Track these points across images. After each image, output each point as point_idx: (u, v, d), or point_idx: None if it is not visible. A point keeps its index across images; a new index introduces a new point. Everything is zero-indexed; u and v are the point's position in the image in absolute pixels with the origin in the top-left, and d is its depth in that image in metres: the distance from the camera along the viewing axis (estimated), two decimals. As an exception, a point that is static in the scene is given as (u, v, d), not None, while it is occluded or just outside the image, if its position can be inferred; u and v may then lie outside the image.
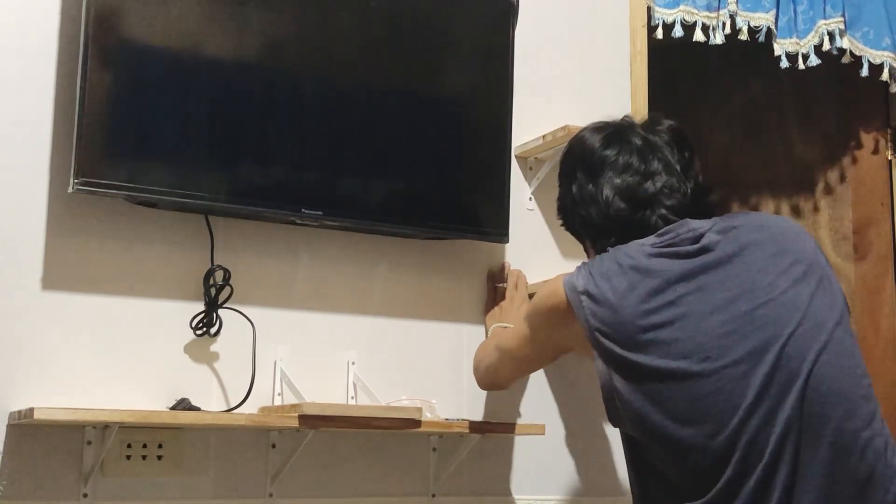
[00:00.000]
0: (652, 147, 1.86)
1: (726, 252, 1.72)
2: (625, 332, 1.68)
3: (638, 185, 1.82)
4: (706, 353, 1.64)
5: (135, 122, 2.08)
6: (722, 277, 1.70)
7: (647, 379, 1.67)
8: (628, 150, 1.86)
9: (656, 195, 1.81)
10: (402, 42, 2.39)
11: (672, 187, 1.82)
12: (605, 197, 1.83)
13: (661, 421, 1.66)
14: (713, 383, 1.63)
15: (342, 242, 2.35)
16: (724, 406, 1.62)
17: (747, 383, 1.62)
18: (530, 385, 2.51)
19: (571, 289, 1.76)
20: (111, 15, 2.05)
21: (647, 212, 1.81)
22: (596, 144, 1.89)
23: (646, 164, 1.83)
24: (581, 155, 1.91)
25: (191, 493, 2.14)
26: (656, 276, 1.70)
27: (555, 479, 2.52)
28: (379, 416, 2.14)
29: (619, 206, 1.82)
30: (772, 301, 1.67)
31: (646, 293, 1.69)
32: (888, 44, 2.98)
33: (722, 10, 2.83)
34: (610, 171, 1.84)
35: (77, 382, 2.06)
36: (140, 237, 2.15)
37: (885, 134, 3.26)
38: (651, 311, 1.68)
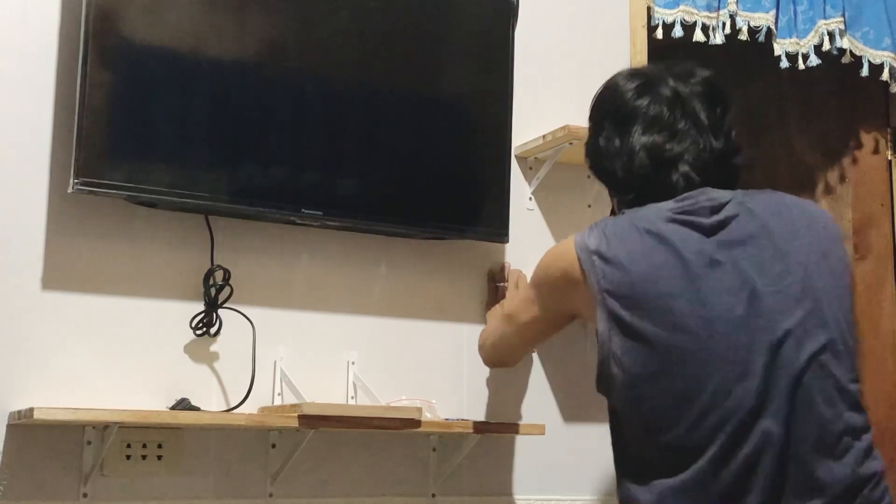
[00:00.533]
0: (683, 101, 1.80)
1: (742, 234, 1.69)
2: (633, 295, 1.66)
3: (664, 142, 1.77)
4: (711, 331, 1.62)
5: (135, 122, 2.08)
6: (735, 259, 1.67)
7: (647, 346, 1.65)
8: (658, 102, 1.80)
9: (682, 154, 1.77)
10: (402, 42, 2.39)
11: (698, 145, 1.78)
12: (630, 152, 1.79)
13: (650, 391, 1.65)
14: (713, 364, 1.62)
15: (342, 242, 2.35)
16: (718, 387, 1.61)
17: (746, 370, 1.61)
18: (530, 385, 2.51)
19: (583, 248, 1.74)
20: (111, 15, 2.05)
21: (671, 171, 1.76)
22: (627, 95, 1.83)
23: (674, 119, 1.78)
24: (611, 105, 1.86)
25: (191, 493, 2.14)
26: (671, 245, 1.67)
27: (555, 479, 2.52)
28: (379, 416, 2.14)
29: (643, 163, 1.78)
30: (764, 305, 1.65)
31: (660, 261, 1.66)
32: (888, 44, 2.98)
33: (722, 10, 2.83)
34: (637, 126, 1.79)
35: (77, 382, 2.06)
36: (140, 237, 2.15)
37: (885, 134, 3.27)
38: (662, 279, 1.65)
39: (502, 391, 2.48)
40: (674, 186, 1.76)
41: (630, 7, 2.81)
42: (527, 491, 2.48)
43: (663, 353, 1.64)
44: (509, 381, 2.50)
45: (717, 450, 1.60)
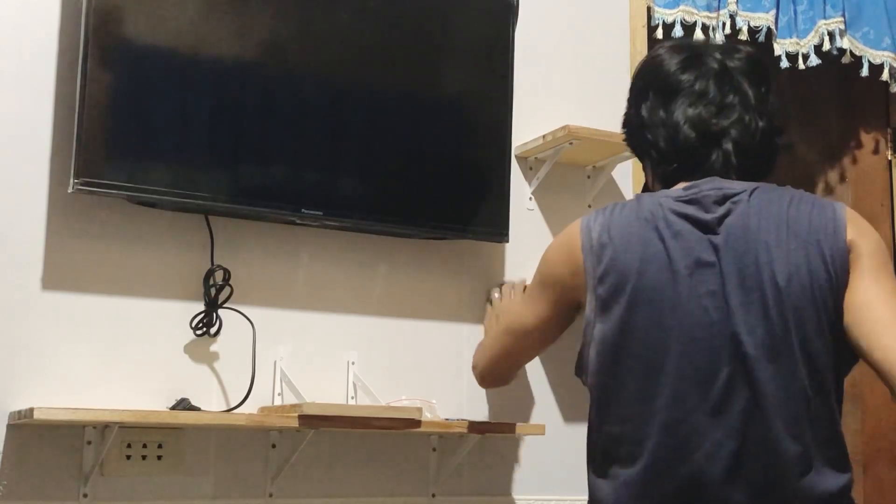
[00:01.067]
0: (730, 75, 1.76)
1: (734, 235, 1.64)
2: (620, 285, 1.65)
3: (710, 116, 1.73)
4: (682, 333, 1.61)
5: (135, 122, 2.08)
6: (721, 261, 1.63)
7: (621, 337, 1.64)
8: (706, 76, 1.75)
9: (728, 129, 1.72)
10: (402, 42, 2.39)
11: (744, 121, 1.73)
12: (675, 124, 1.74)
13: (615, 381, 1.65)
14: (678, 364, 1.60)
15: (342, 242, 2.35)
16: (678, 389, 1.60)
17: (708, 378, 1.59)
18: (530, 385, 2.51)
19: (587, 232, 1.72)
20: (111, 15, 2.05)
21: (714, 146, 1.72)
22: (672, 67, 1.78)
23: (721, 94, 1.74)
24: (656, 75, 1.81)
25: (191, 493, 2.14)
26: (664, 239, 1.65)
27: (555, 479, 2.52)
28: (379, 416, 2.14)
29: (687, 136, 1.73)
30: (735, 316, 1.61)
31: (651, 255, 1.64)
32: (888, 44, 2.98)
33: (722, 10, 2.83)
34: (683, 97, 1.75)
35: (77, 382, 2.06)
36: (140, 237, 2.15)
37: (885, 134, 3.26)
38: (649, 274, 1.64)
39: (502, 391, 2.48)
40: (711, 165, 1.72)
41: (630, 7, 2.81)
42: (527, 491, 2.48)
43: (633, 346, 1.63)
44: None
45: (666, 452, 1.60)
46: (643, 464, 1.61)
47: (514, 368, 2.17)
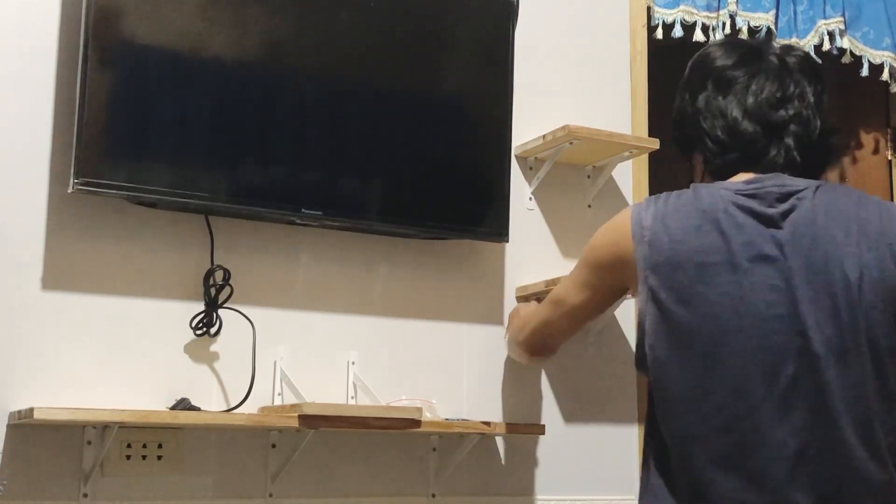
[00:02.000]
0: (789, 71, 1.74)
1: (799, 231, 1.61)
2: (674, 276, 1.61)
3: (771, 108, 1.71)
4: (742, 327, 1.57)
5: (135, 122, 2.08)
6: (786, 256, 1.59)
7: (676, 330, 1.60)
8: (765, 70, 1.73)
9: (787, 123, 1.70)
10: (402, 42, 2.39)
11: (803, 118, 1.72)
12: (735, 113, 1.71)
13: (672, 375, 1.60)
14: (738, 360, 1.56)
15: (342, 242, 2.35)
16: (738, 384, 1.56)
17: (772, 374, 1.55)
18: (530, 385, 2.51)
19: (637, 221, 1.68)
20: (111, 15, 2.05)
21: (775, 140, 1.70)
22: (731, 61, 1.76)
23: (782, 88, 1.72)
24: (713, 68, 1.77)
25: (191, 493, 2.14)
26: (723, 231, 1.61)
27: (555, 479, 2.52)
28: (379, 416, 2.13)
29: (747, 126, 1.70)
30: (802, 313, 1.58)
31: (708, 245, 1.60)
32: (888, 44, 2.98)
33: (722, 10, 2.84)
34: (743, 90, 1.72)
35: (77, 382, 2.06)
36: (140, 237, 2.15)
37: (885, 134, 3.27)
38: (706, 265, 1.60)
39: (502, 391, 2.48)
40: (773, 160, 1.70)
41: (630, 7, 2.81)
42: (526, 491, 2.48)
43: (689, 339, 1.59)
44: (509, 382, 2.50)
45: (726, 449, 1.56)
46: (701, 462, 1.57)
47: (550, 341, 2.09)
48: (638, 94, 2.78)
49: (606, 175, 2.64)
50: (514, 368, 2.51)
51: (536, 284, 2.49)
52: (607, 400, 2.60)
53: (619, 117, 2.74)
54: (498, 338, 2.50)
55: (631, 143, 2.56)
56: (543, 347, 2.12)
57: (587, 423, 2.57)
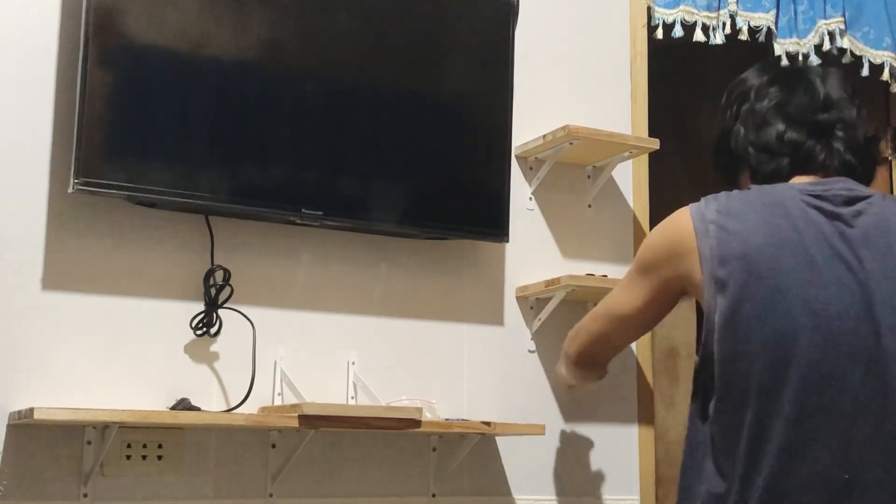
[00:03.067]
0: (830, 84, 1.77)
1: (872, 236, 1.62)
2: (744, 268, 1.58)
3: (815, 111, 1.73)
4: (817, 323, 1.56)
5: (135, 122, 2.08)
6: (860, 259, 1.60)
7: (744, 322, 1.58)
8: (804, 81, 1.78)
9: (833, 125, 1.72)
10: (402, 42, 2.39)
11: (848, 122, 1.74)
12: (779, 121, 1.74)
13: (737, 369, 1.58)
14: (809, 357, 1.55)
15: (342, 242, 2.35)
16: (807, 382, 1.55)
17: (842, 374, 1.55)
18: (530, 385, 2.51)
19: (700, 216, 1.66)
20: (111, 15, 2.05)
21: (821, 142, 1.72)
22: (766, 77, 1.81)
23: (824, 95, 1.75)
24: (750, 85, 1.82)
25: (191, 493, 2.14)
26: (796, 224, 1.61)
27: (555, 479, 2.52)
28: (379, 416, 2.13)
29: (792, 132, 1.72)
30: (878, 317, 1.58)
31: (781, 238, 1.59)
32: (888, 44, 2.98)
33: (722, 10, 2.84)
34: (785, 99, 1.76)
35: (77, 382, 2.06)
36: (140, 237, 2.15)
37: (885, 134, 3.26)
38: (779, 258, 1.58)
39: (502, 391, 2.48)
40: (824, 164, 1.71)
41: (630, 7, 2.81)
42: (527, 491, 2.48)
43: (759, 334, 1.57)
44: (509, 382, 2.50)
45: (796, 446, 1.54)
46: (767, 461, 1.55)
47: (608, 353, 2.07)
48: (638, 94, 2.78)
49: (606, 175, 2.64)
50: (513, 368, 2.51)
51: (536, 284, 2.49)
52: (607, 400, 2.60)
53: (619, 117, 2.74)
54: (498, 338, 2.50)
55: (631, 143, 2.57)
56: (594, 363, 2.09)
57: (587, 423, 2.57)
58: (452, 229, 2.40)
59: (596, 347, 2.02)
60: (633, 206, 2.72)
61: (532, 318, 2.55)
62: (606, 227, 2.68)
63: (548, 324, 2.53)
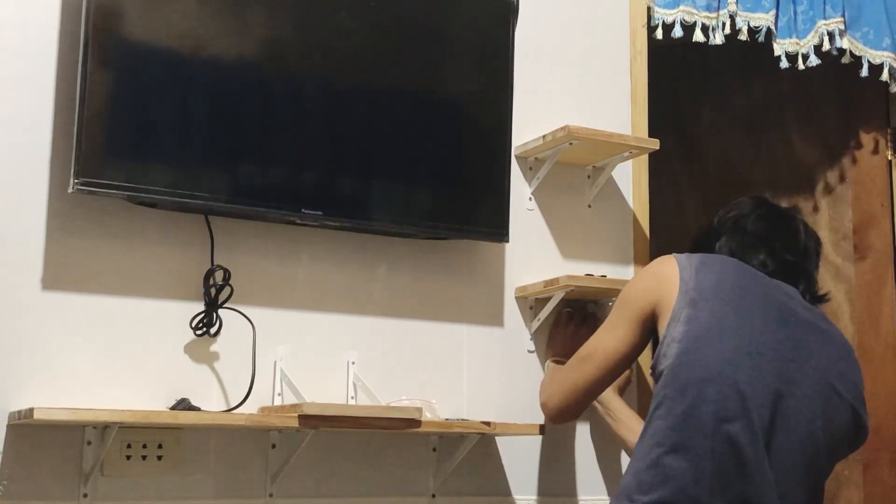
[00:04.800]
0: (809, 237, 2.11)
1: (806, 325, 1.97)
2: (714, 292, 1.91)
3: (793, 254, 2.06)
4: (755, 359, 1.88)
5: (135, 122, 2.08)
6: (800, 326, 1.95)
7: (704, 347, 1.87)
8: (793, 228, 2.11)
9: (800, 272, 2.06)
10: (402, 42, 2.39)
11: (809, 273, 2.08)
12: (762, 246, 2.05)
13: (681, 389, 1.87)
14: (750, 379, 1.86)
15: (342, 242, 2.35)
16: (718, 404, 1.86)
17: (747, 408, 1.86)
18: (530, 385, 2.51)
19: (685, 258, 1.98)
20: (111, 15, 2.05)
21: (781, 273, 2.03)
22: (762, 211, 2.12)
23: (803, 247, 2.09)
24: (749, 212, 2.12)
25: (191, 493, 2.14)
26: (759, 287, 1.96)
27: (555, 479, 2.52)
28: (379, 416, 2.14)
29: (768, 261, 2.04)
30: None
31: (745, 283, 1.95)
32: (888, 44, 2.98)
33: (722, 11, 2.83)
34: (771, 234, 2.08)
35: (77, 382, 2.06)
36: (140, 237, 2.15)
37: (885, 134, 3.26)
38: (743, 297, 1.93)
39: (502, 391, 2.48)
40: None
41: (630, 7, 2.81)
42: (527, 491, 2.48)
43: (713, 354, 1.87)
44: (509, 381, 2.50)
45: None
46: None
47: (592, 399, 2.23)
48: (638, 94, 2.78)
49: (606, 175, 2.64)
50: (513, 368, 2.51)
51: (536, 284, 2.49)
52: (607, 400, 2.60)
53: (619, 117, 2.74)
54: (498, 338, 2.50)
55: (631, 143, 2.57)
56: (575, 409, 2.25)
57: (587, 423, 2.56)
58: (452, 229, 2.40)
59: (580, 398, 2.19)
60: (633, 206, 2.72)
61: (531, 318, 2.55)
62: (606, 228, 2.68)
63: (547, 324, 2.53)
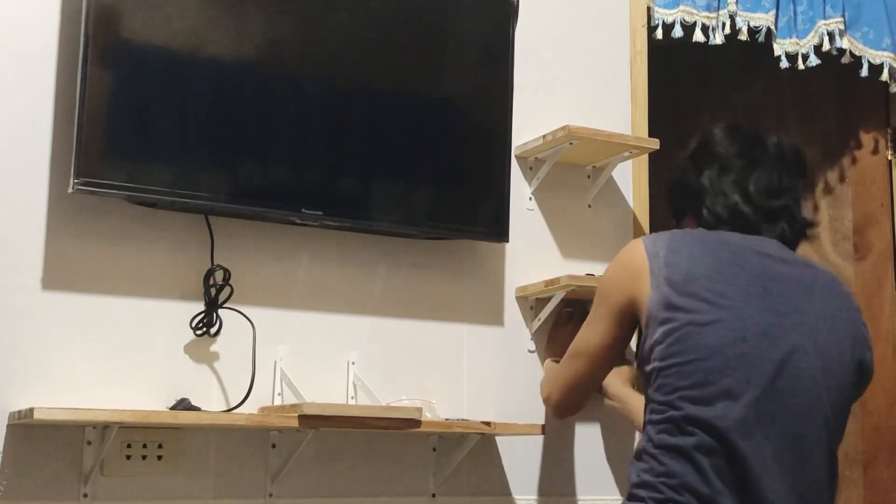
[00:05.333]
0: (784, 163, 1.96)
1: (795, 277, 1.85)
2: (686, 288, 1.79)
3: (767, 197, 1.92)
4: (739, 340, 1.76)
5: (135, 122, 2.08)
6: (782, 291, 1.82)
7: (681, 331, 1.77)
8: (765, 160, 1.95)
9: (779, 212, 1.92)
10: (402, 42, 2.39)
11: (791, 212, 1.94)
12: (736, 197, 1.92)
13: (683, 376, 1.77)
14: (738, 363, 1.75)
15: (342, 242, 2.35)
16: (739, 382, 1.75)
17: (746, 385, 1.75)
18: (530, 385, 2.51)
19: (652, 243, 1.86)
20: (111, 15, 2.05)
21: (767, 223, 1.91)
22: (734, 149, 1.97)
23: (779, 180, 1.94)
24: (718, 152, 1.97)
25: (191, 493, 2.14)
26: (735, 256, 1.83)
27: (555, 479, 2.52)
28: (379, 416, 2.14)
29: (745, 209, 1.91)
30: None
31: (718, 264, 1.81)
32: (888, 44, 2.98)
33: (722, 11, 2.83)
34: (745, 175, 1.93)
35: (77, 382, 2.06)
36: (140, 237, 2.15)
37: (885, 134, 3.26)
38: (718, 281, 1.80)
39: (502, 391, 2.48)
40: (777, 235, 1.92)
41: (630, 7, 2.81)
42: (526, 491, 2.48)
43: (693, 341, 1.76)
44: (509, 382, 2.50)
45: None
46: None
47: (589, 392, 2.18)
48: (638, 94, 2.78)
49: (606, 175, 2.64)
50: (513, 368, 2.51)
51: (536, 284, 2.50)
52: (607, 400, 2.60)
53: (619, 117, 2.74)
54: (498, 338, 2.50)
55: (631, 143, 2.57)
56: (576, 404, 2.20)
57: (587, 423, 2.56)
58: (452, 229, 2.40)
59: (576, 393, 2.13)
60: (633, 206, 2.72)
61: (532, 318, 2.55)
62: (606, 227, 2.68)
63: (547, 324, 2.53)
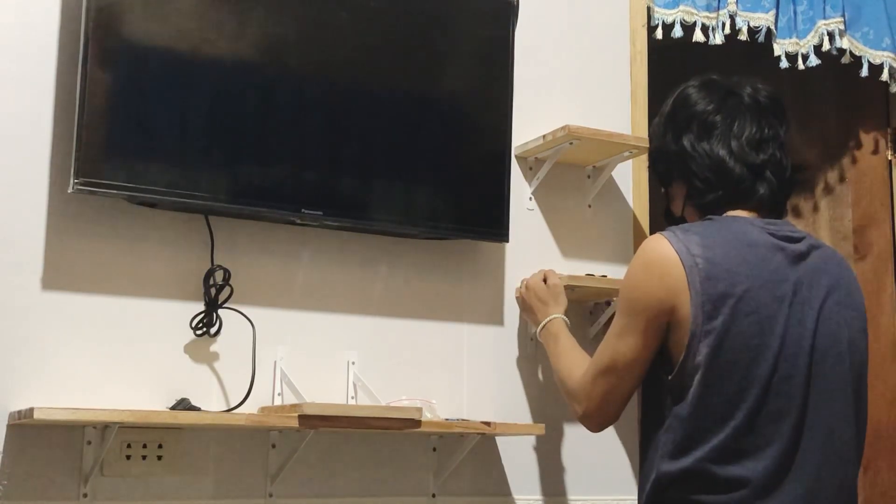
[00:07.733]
0: (763, 112, 1.91)
1: (818, 275, 1.82)
2: (728, 300, 1.73)
3: (752, 149, 1.87)
4: (781, 351, 1.75)
5: (134, 121, 2.08)
6: (810, 298, 1.80)
7: (725, 352, 1.73)
8: (742, 112, 1.90)
9: (766, 164, 1.87)
10: (402, 42, 2.39)
11: (777, 159, 1.88)
12: (721, 154, 1.86)
13: (715, 392, 1.74)
14: (766, 378, 1.74)
15: (342, 242, 2.35)
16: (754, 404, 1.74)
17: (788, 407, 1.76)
18: (530, 385, 2.51)
19: (685, 253, 1.76)
20: (111, 14, 2.05)
21: (758, 179, 1.86)
22: (711, 106, 1.91)
23: (760, 130, 1.88)
24: (695, 111, 1.92)
25: (191, 493, 2.14)
26: (771, 263, 1.78)
27: (555, 479, 2.52)
28: (379, 416, 2.14)
29: (733, 167, 1.86)
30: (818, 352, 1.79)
31: (763, 278, 1.76)
32: (888, 44, 2.98)
33: (722, 11, 2.84)
34: (726, 131, 1.88)
35: (77, 382, 2.06)
36: (140, 237, 2.15)
37: (885, 134, 3.26)
38: (761, 290, 1.75)
39: (502, 391, 2.48)
40: (760, 197, 1.86)
41: (630, 7, 2.81)
42: (527, 491, 2.48)
43: (732, 357, 1.73)
44: (509, 382, 2.50)
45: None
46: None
47: (626, 402, 2.00)
48: (638, 94, 2.78)
49: (606, 175, 2.64)
50: (513, 368, 2.51)
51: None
52: (607, 400, 2.60)
53: (619, 117, 2.74)
54: (498, 338, 2.50)
55: (631, 143, 2.57)
56: (613, 417, 2.01)
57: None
58: (452, 229, 2.40)
59: (614, 405, 1.94)
60: (633, 206, 2.72)
61: (532, 318, 2.55)
62: (606, 228, 2.68)
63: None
